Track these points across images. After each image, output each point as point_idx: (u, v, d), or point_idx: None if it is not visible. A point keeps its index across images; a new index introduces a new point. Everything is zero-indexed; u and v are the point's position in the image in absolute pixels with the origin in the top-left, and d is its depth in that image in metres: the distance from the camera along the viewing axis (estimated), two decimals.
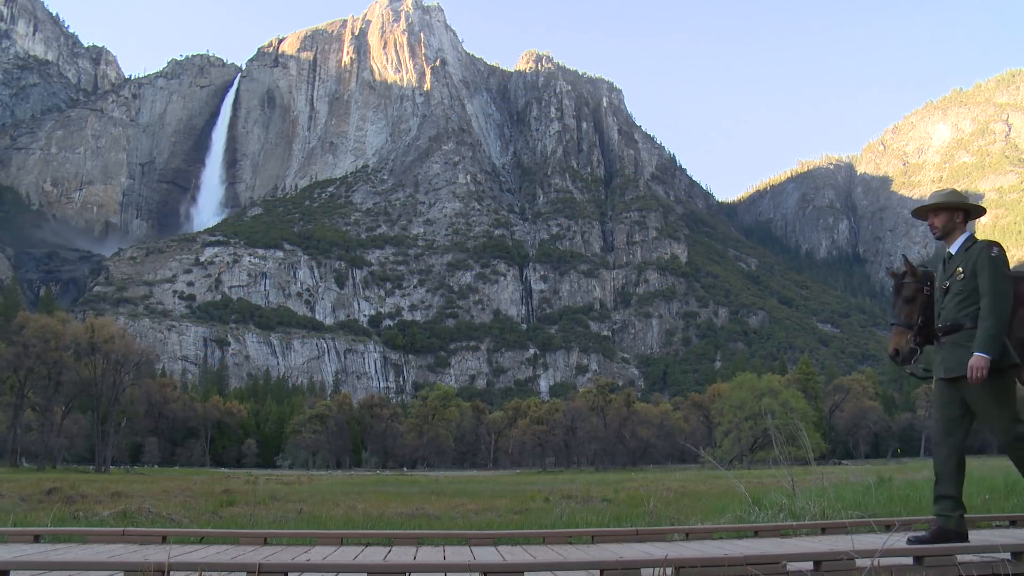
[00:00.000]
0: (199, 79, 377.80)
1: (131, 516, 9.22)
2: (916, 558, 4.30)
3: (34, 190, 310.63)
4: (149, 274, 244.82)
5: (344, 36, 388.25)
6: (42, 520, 7.90)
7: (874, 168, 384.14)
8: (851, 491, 9.01)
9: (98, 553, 5.12)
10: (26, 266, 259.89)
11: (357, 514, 10.98)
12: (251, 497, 17.46)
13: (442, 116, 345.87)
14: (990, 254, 5.21)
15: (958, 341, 5.24)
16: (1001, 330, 5.03)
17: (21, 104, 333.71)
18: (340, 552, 5.43)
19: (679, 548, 5.14)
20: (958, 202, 5.53)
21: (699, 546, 5.67)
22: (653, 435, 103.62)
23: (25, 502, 13.87)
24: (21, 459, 70.71)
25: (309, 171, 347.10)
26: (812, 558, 4.24)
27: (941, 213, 5.56)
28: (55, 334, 69.31)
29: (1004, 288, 5.12)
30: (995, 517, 6.82)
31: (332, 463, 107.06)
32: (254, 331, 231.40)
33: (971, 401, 5.18)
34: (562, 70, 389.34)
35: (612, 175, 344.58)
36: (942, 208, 5.55)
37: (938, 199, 5.58)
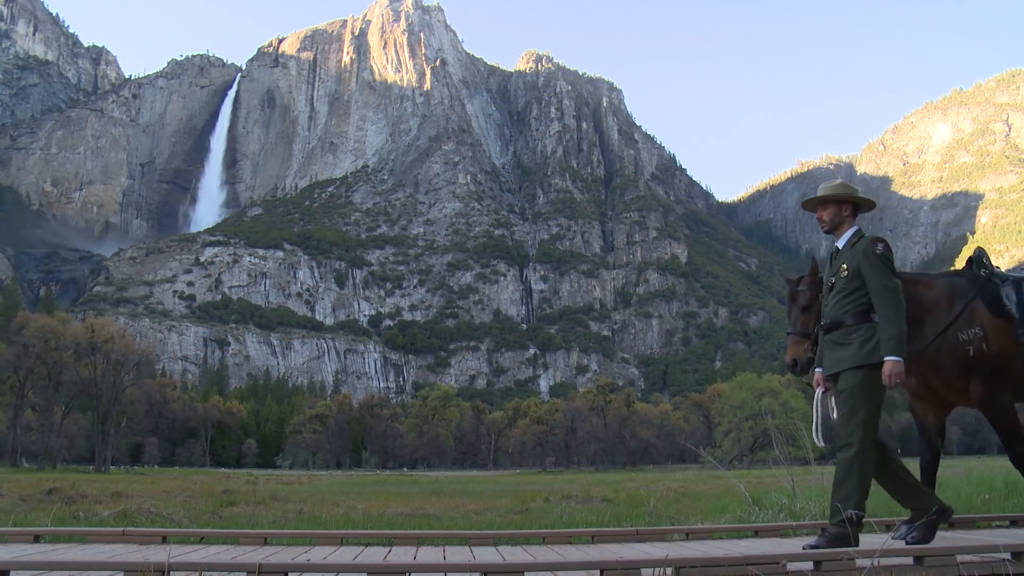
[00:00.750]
0: (199, 79, 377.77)
1: (131, 516, 9.22)
2: (916, 558, 4.30)
3: (34, 190, 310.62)
4: (149, 274, 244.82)
5: (344, 36, 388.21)
6: (42, 520, 7.90)
7: (874, 168, 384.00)
8: None
9: (98, 553, 5.12)
10: (26, 266, 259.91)
11: (357, 514, 10.98)
12: (251, 497, 17.46)
13: (442, 116, 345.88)
14: (875, 251, 5.02)
15: (837, 339, 5.10)
16: (903, 327, 4.91)
17: (21, 104, 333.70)
18: (340, 552, 5.43)
19: (679, 548, 5.14)
20: (845, 194, 5.30)
21: (699, 546, 5.67)
22: (653, 435, 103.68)
23: (25, 502, 13.87)
24: (21, 459, 70.77)
25: (309, 171, 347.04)
26: (812, 558, 4.24)
27: (829, 206, 5.33)
28: (55, 334, 69.34)
29: (894, 284, 5.00)
30: (995, 517, 6.81)
31: (332, 463, 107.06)
32: (254, 331, 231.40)
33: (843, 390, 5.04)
34: (562, 70, 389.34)
35: (612, 175, 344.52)
36: (830, 201, 5.33)
37: (825, 191, 5.37)
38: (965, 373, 5.39)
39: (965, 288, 5.57)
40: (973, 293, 5.50)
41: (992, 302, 5.47)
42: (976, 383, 5.39)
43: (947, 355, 5.38)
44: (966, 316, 5.42)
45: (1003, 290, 5.50)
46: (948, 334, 5.38)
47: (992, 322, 5.40)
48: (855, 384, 4.96)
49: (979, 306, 5.46)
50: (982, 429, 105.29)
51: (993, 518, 6.80)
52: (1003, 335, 5.40)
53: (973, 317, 5.42)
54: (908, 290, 5.49)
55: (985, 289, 5.53)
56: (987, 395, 5.40)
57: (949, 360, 5.39)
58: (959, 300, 5.49)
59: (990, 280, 5.59)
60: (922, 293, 5.55)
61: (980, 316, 5.42)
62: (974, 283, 5.58)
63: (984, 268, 5.65)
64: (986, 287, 5.54)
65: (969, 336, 5.34)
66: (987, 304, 5.47)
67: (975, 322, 5.40)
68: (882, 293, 4.96)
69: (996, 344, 5.37)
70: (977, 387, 5.39)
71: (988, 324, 5.39)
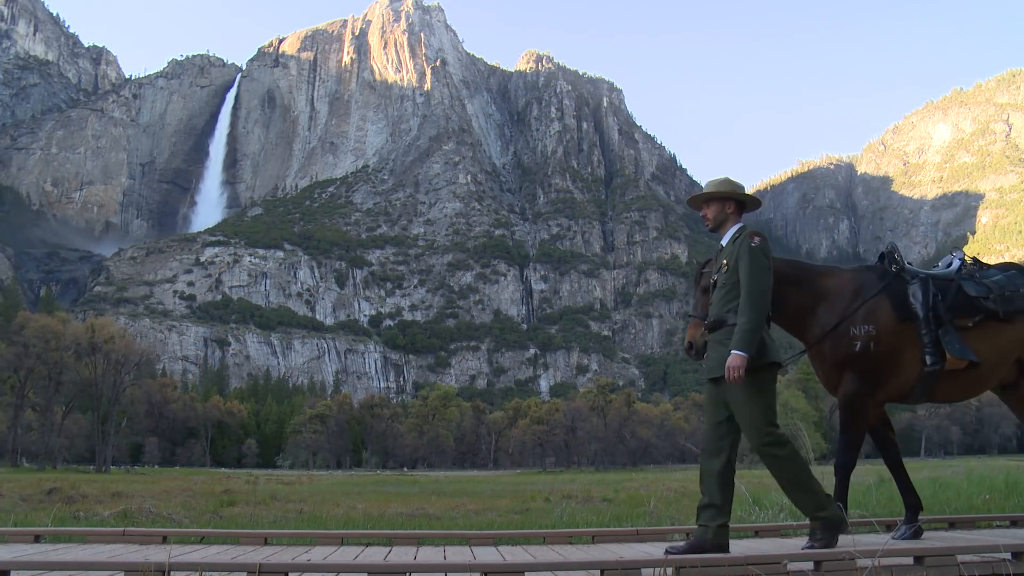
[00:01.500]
0: (199, 79, 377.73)
1: (131, 516, 9.22)
2: (916, 558, 4.29)
3: (34, 190, 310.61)
4: (149, 274, 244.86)
5: (344, 36, 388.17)
6: (42, 520, 7.90)
7: (874, 168, 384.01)
8: (851, 491, 8.99)
9: (98, 553, 5.12)
10: (26, 266, 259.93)
11: (357, 514, 10.98)
12: (251, 497, 17.46)
13: (442, 116, 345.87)
14: (750, 245, 4.88)
15: (719, 339, 4.92)
16: (759, 326, 4.71)
17: (21, 104, 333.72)
18: (340, 552, 5.43)
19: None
20: (728, 191, 5.17)
21: None
22: (653, 435, 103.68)
23: (25, 502, 13.88)
24: (21, 459, 70.74)
25: (309, 171, 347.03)
26: (813, 558, 4.23)
27: (712, 203, 5.20)
28: (55, 334, 69.38)
29: (762, 281, 4.79)
30: (995, 517, 6.81)
31: (332, 463, 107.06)
32: (254, 331, 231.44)
33: (729, 401, 4.86)
34: (562, 70, 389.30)
35: (612, 175, 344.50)
36: (713, 198, 5.20)
37: (709, 188, 5.24)
38: (842, 367, 5.25)
39: (872, 283, 5.41)
40: (878, 288, 5.35)
41: (898, 301, 5.31)
42: (847, 379, 5.23)
43: (834, 347, 5.27)
44: (864, 311, 5.26)
45: (910, 288, 5.35)
46: (841, 327, 5.24)
47: (890, 322, 5.23)
48: (753, 387, 4.78)
49: (882, 303, 5.30)
50: (982, 429, 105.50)
51: (993, 518, 6.80)
52: (898, 338, 5.22)
53: (872, 314, 5.25)
54: (815, 282, 5.45)
55: (892, 286, 5.38)
56: (850, 394, 5.21)
57: (835, 353, 5.28)
58: (862, 294, 5.33)
59: (899, 276, 5.43)
60: (828, 285, 5.44)
61: (880, 314, 5.25)
62: (882, 279, 5.43)
63: (895, 264, 5.48)
64: (894, 284, 5.40)
65: (860, 332, 5.19)
66: (892, 303, 5.30)
67: (871, 319, 5.23)
68: (747, 286, 4.78)
69: (886, 346, 5.19)
70: (846, 383, 5.23)
71: (885, 324, 5.22)
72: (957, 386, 5.40)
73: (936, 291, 5.30)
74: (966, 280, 5.43)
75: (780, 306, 5.41)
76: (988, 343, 5.29)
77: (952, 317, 5.25)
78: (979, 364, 5.21)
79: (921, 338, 5.20)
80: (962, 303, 5.32)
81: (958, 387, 5.42)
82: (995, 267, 5.63)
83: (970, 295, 5.33)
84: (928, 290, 5.29)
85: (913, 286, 5.33)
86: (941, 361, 5.15)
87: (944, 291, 5.34)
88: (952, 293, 5.34)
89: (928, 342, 5.17)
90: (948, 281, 5.42)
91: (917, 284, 5.33)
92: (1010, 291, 5.36)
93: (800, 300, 5.45)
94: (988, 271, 5.56)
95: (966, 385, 5.44)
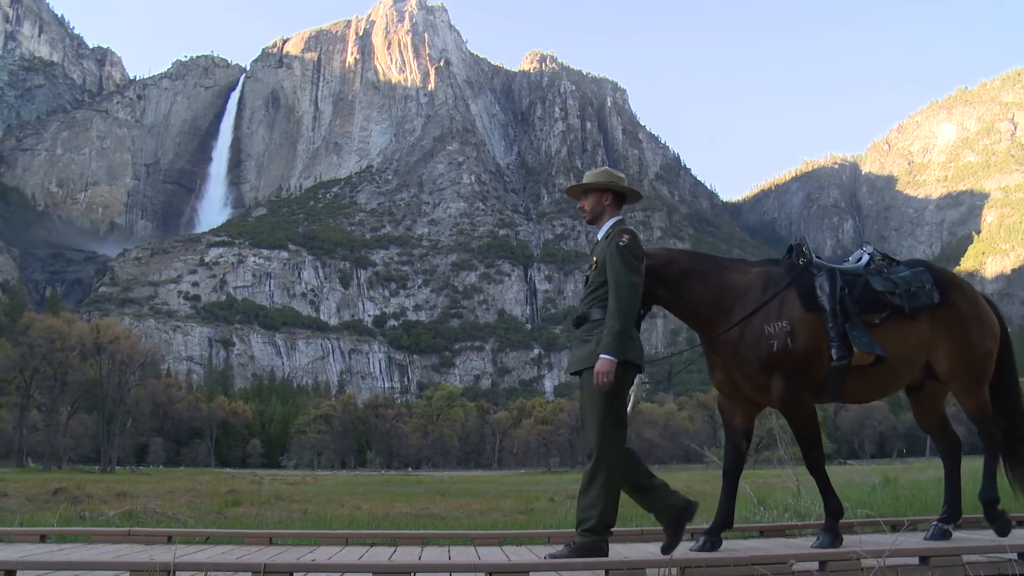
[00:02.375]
0: (203, 80, 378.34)
1: (136, 516, 9.24)
2: (922, 558, 4.29)
3: (40, 191, 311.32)
4: (154, 274, 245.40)
5: (348, 36, 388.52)
6: (48, 520, 7.92)
7: (879, 167, 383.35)
8: (856, 491, 8.98)
9: (104, 553, 5.13)
10: (31, 267, 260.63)
11: (362, 514, 10.99)
12: (256, 497, 17.48)
13: (446, 116, 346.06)
14: (618, 243, 4.75)
15: (582, 335, 4.83)
16: (628, 327, 4.63)
17: (27, 105, 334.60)
18: (345, 552, 5.43)
19: (684, 548, 5.13)
20: (606, 183, 5.09)
21: None
22: (658, 435, 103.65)
23: (31, 502, 13.91)
24: (27, 459, 70.95)
25: (313, 171, 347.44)
26: (818, 558, 4.22)
27: (590, 194, 5.10)
28: (61, 335, 69.61)
29: (629, 282, 4.66)
30: None
31: (337, 463, 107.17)
32: (259, 331, 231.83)
33: (581, 395, 4.76)
34: (566, 70, 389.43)
35: None
36: (591, 189, 5.12)
37: (587, 179, 5.17)
38: (767, 369, 5.03)
39: (780, 277, 5.25)
40: (787, 282, 5.18)
41: (805, 293, 5.12)
42: (777, 381, 5.03)
43: (750, 348, 5.05)
44: (775, 306, 5.09)
45: (817, 280, 5.16)
46: (754, 324, 5.06)
47: (802, 316, 5.06)
48: (592, 386, 4.64)
49: (791, 297, 5.13)
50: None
51: None
52: (812, 331, 5.04)
53: (782, 308, 5.09)
54: (721, 275, 5.29)
55: (800, 279, 5.20)
56: (787, 395, 5.04)
57: (752, 353, 5.04)
58: (771, 289, 5.17)
59: (807, 269, 5.25)
60: (735, 280, 5.25)
61: (790, 308, 5.09)
62: (790, 272, 5.25)
63: (803, 257, 5.31)
64: (801, 277, 5.20)
65: (775, 329, 5.01)
66: (800, 295, 5.13)
67: (783, 314, 5.06)
68: (615, 286, 4.66)
69: (803, 341, 5.02)
70: (778, 385, 5.03)
71: (797, 318, 5.05)
72: (866, 384, 5.21)
73: (843, 284, 5.14)
74: (874, 275, 5.29)
75: (683, 300, 5.31)
76: (895, 340, 5.14)
77: (859, 312, 5.10)
78: (887, 360, 5.06)
79: (828, 332, 5.02)
80: (869, 298, 5.17)
81: (867, 385, 5.24)
82: (904, 263, 5.49)
83: (876, 290, 5.19)
84: (835, 283, 5.12)
85: (820, 279, 5.15)
86: (848, 355, 4.96)
87: (852, 285, 5.19)
88: (859, 287, 5.20)
89: (835, 336, 5.00)
90: (856, 275, 5.28)
91: (824, 277, 5.16)
92: (916, 287, 5.22)
93: (705, 294, 5.25)
94: (897, 267, 5.41)
95: (875, 383, 5.27)
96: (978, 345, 5.34)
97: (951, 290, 5.36)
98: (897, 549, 4.36)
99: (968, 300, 5.43)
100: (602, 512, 4.56)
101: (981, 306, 5.49)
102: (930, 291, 5.24)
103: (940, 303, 5.25)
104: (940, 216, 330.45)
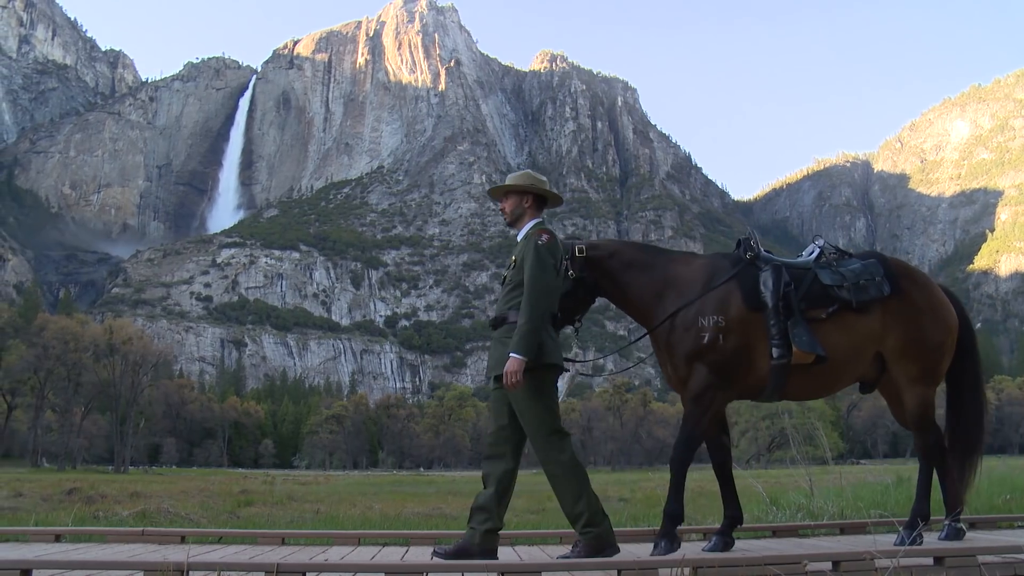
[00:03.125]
0: (215, 81, 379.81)
1: (150, 516, 9.28)
2: (936, 558, 4.26)
3: (53, 193, 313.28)
4: (166, 276, 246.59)
5: (359, 37, 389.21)
6: (63, 520, 7.96)
7: (891, 165, 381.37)
8: (870, 491, 8.93)
9: (118, 553, 5.16)
10: (45, 268, 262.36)
11: (374, 514, 11.01)
12: (268, 497, 17.54)
13: (457, 116, 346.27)
14: (535, 243, 4.70)
15: (499, 336, 4.76)
16: (538, 327, 4.54)
17: (40, 108, 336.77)
18: (357, 552, 5.44)
19: (697, 548, 5.12)
20: (525, 185, 5.04)
21: None
22: (670, 435, 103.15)
23: (46, 502, 14.00)
24: (42, 459, 71.46)
25: (324, 172, 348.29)
26: (832, 558, 4.20)
27: (510, 197, 5.07)
28: (74, 336, 70.07)
29: (543, 281, 4.60)
30: (1017, 517, 6.74)
31: (349, 463, 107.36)
32: (271, 332, 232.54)
33: (511, 402, 4.67)
34: (576, 69, 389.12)
35: (627, 174, 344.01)
36: (512, 191, 5.09)
37: (508, 181, 5.14)
38: (690, 360, 4.91)
39: (723, 270, 5.09)
40: (729, 276, 5.02)
41: (747, 289, 4.96)
42: (697, 374, 4.88)
43: (679, 338, 4.94)
44: (712, 299, 4.93)
45: (762, 275, 4.99)
46: (688, 315, 4.92)
47: (740, 313, 4.89)
48: (529, 390, 4.58)
49: (732, 291, 4.96)
50: (1002, 428, 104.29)
51: (1015, 518, 6.73)
52: (748, 329, 4.89)
53: (721, 303, 4.92)
54: (665, 268, 5.18)
55: (745, 273, 5.03)
56: (700, 391, 4.88)
57: (679, 344, 4.94)
58: (713, 281, 5.02)
59: (752, 264, 5.09)
60: (678, 272, 5.15)
61: (728, 303, 4.92)
62: (735, 266, 5.10)
63: (750, 251, 5.14)
64: (746, 271, 5.05)
65: (708, 323, 4.85)
66: (742, 291, 4.96)
67: (720, 309, 4.89)
68: (527, 286, 4.61)
69: (735, 339, 4.86)
70: (696, 379, 4.89)
71: (736, 315, 4.89)
72: (809, 382, 5.02)
73: (789, 280, 4.97)
74: (823, 269, 5.11)
75: (625, 292, 5.21)
76: (842, 335, 4.96)
77: (805, 308, 4.92)
78: (828, 359, 4.86)
79: (769, 329, 4.86)
80: (816, 293, 4.99)
81: (810, 383, 5.05)
82: (856, 256, 5.31)
83: (824, 284, 5.01)
84: (780, 278, 4.94)
85: (765, 274, 4.99)
86: (788, 354, 4.81)
87: (799, 280, 5.03)
88: (807, 282, 5.03)
89: (776, 334, 4.84)
90: (804, 270, 5.11)
91: (769, 272, 4.99)
92: (865, 279, 5.02)
93: (647, 286, 5.14)
94: (848, 260, 5.22)
95: (819, 381, 5.07)
96: (929, 338, 5.12)
97: (902, 280, 5.16)
98: (911, 549, 4.34)
99: (921, 290, 5.21)
100: (588, 503, 4.59)
101: (936, 297, 5.27)
102: (879, 283, 5.04)
103: (891, 294, 5.06)
104: (953, 214, 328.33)
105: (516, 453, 4.81)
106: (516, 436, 4.78)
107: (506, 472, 4.74)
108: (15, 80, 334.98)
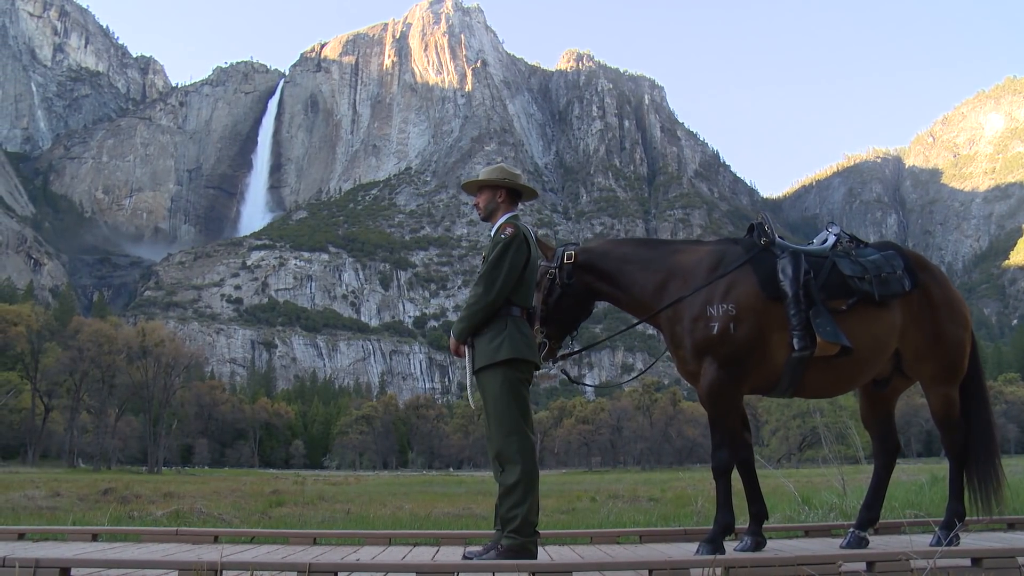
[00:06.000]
0: (243, 85, 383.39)
1: (183, 516, 9.37)
2: (974, 559, 4.19)
3: (87, 198, 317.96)
4: (197, 278, 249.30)
5: (385, 39, 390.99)
6: (99, 519, 8.08)
7: (923, 161, 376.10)
8: (903, 490, 8.82)
9: (153, 552, 5.22)
10: (80, 272, 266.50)
11: (404, 514, 11.04)
12: (299, 497, 17.65)
13: (484, 117, 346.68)
14: (500, 235, 4.74)
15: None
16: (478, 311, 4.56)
17: (74, 115, 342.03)
18: (388, 552, 5.46)
19: (728, 548, 5.08)
20: (498, 179, 4.99)
21: None
22: (700, 434, 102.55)
23: (83, 502, 14.18)
24: (78, 460, 72.44)
25: (353, 174, 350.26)
26: (867, 559, 4.14)
27: (484, 191, 5.05)
28: (108, 338, 71.02)
29: (498, 270, 4.62)
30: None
31: (379, 464, 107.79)
32: (300, 333, 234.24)
33: (482, 394, 4.69)
34: (603, 68, 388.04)
35: (655, 173, 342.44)
36: (485, 186, 5.05)
37: (482, 176, 5.09)
38: (699, 353, 4.71)
39: (734, 256, 4.88)
40: (741, 262, 4.81)
41: (765, 276, 4.75)
42: (708, 368, 4.69)
43: (685, 328, 4.75)
44: (722, 287, 4.72)
45: (779, 263, 4.78)
46: (695, 303, 4.72)
47: (755, 301, 4.69)
48: (491, 387, 4.60)
49: (746, 278, 4.75)
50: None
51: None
52: (762, 318, 4.68)
53: (731, 290, 4.71)
54: (667, 259, 5.02)
55: (760, 260, 4.83)
56: (714, 386, 4.69)
57: (688, 336, 4.74)
58: (721, 268, 4.80)
59: (767, 250, 4.88)
60: (682, 261, 4.96)
61: (743, 291, 4.72)
62: (748, 251, 4.89)
63: (765, 236, 4.94)
64: (761, 258, 4.84)
65: (717, 312, 4.65)
66: (759, 278, 4.75)
67: (731, 297, 4.69)
68: (479, 275, 4.74)
69: (748, 328, 4.65)
70: (708, 373, 4.69)
71: (749, 303, 4.69)
72: (827, 376, 4.82)
73: (808, 268, 4.76)
74: (841, 258, 4.91)
75: (625, 292, 5.07)
76: (863, 329, 4.76)
77: (825, 298, 4.71)
78: (852, 351, 4.67)
79: (790, 319, 4.64)
80: (836, 283, 4.79)
81: (828, 378, 4.84)
82: (872, 246, 5.13)
83: (844, 274, 4.81)
84: (800, 266, 4.74)
85: (783, 261, 4.78)
86: (811, 346, 4.60)
87: (817, 268, 4.81)
88: (825, 271, 4.83)
89: (797, 324, 4.62)
90: (822, 258, 4.91)
91: (787, 259, 4.78)
92: (887, 272, 4.85)
93: (648, 281, 4.97)
94: (864, 250, 5.05)
95: (838, 376, 4.86)
96: (950, 334, 4.98)
97: (923, 274, 5.02)
98: (948, 550, 4.28)
99: (940, 286, 5.08)
100: (526, 513, 4.48)
101: (953, 293, 5.13)
102: (901, 277, 4.89)
103: (911, 289, 4.91)
104: (988, 209, 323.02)
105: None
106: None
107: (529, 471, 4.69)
108: (50, 88, 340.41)
